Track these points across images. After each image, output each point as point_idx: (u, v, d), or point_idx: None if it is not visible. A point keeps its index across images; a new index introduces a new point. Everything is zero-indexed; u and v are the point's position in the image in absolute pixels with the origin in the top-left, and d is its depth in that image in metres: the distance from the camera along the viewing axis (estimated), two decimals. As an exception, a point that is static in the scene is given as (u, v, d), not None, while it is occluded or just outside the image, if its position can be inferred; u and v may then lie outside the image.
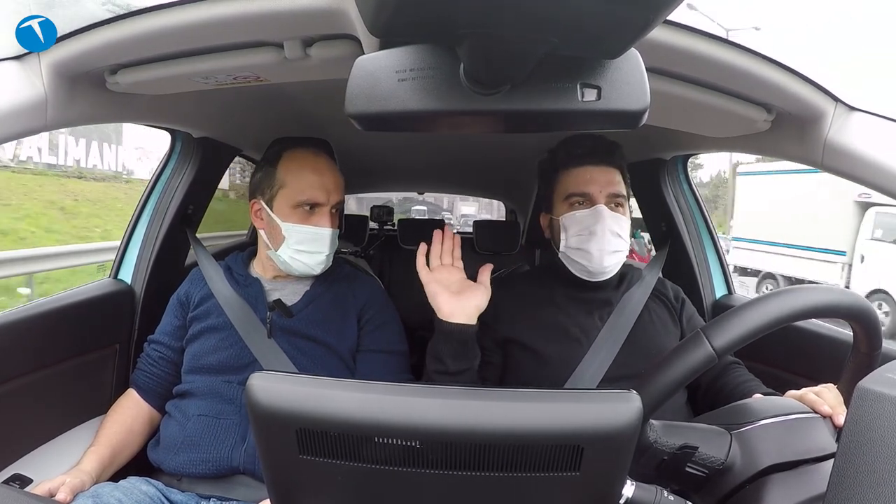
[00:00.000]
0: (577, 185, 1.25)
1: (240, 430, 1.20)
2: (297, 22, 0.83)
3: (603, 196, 1.22)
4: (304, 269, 1.31)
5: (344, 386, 0.57)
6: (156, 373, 1.34)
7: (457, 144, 2.26)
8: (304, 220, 1.29)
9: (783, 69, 0.93)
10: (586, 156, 1.26)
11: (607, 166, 1.26)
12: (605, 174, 1.25)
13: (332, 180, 1.32)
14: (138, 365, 1.37)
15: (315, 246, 1.29)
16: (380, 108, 0.52)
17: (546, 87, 0.52)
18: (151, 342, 1.38)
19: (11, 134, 0.91)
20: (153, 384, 1.34)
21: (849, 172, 1.00)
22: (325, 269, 1.33)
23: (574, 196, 1.25)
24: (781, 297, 0.71)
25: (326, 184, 1.30)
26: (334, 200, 1.32)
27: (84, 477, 1.08)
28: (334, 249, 1.34)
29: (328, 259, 1.32)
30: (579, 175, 1.26)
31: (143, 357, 1.37)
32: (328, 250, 1.30)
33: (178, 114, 1.41)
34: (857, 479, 0.53)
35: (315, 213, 1.30)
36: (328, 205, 1.31)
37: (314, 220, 1.29)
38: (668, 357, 0.70)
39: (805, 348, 1.43)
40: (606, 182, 1.24)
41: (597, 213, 1.21)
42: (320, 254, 1.30)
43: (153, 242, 1.58)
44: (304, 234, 1.29)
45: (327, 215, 1.31)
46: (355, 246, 3.03)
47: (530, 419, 0.54)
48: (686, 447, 0.70)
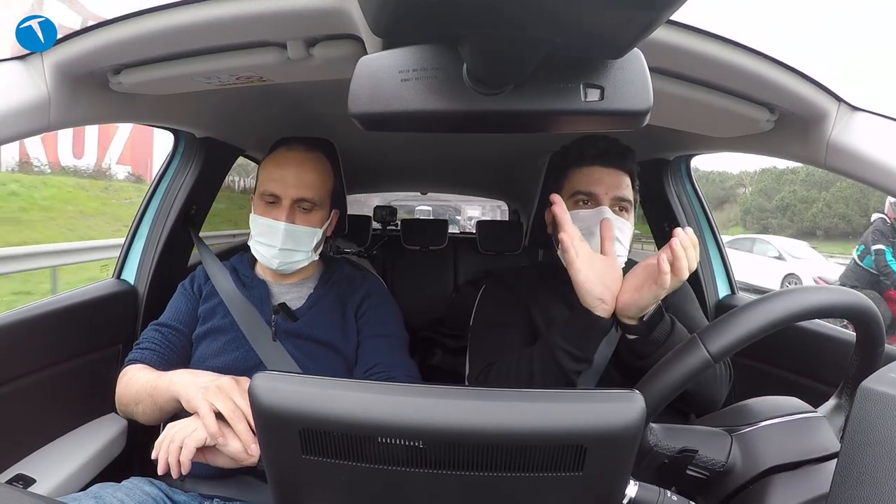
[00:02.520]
0: (584, 184, 1.25)
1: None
2: (300, 22, 0.83)
3: (608, 198, 1.22)
4: (264, 261, 1.31)
5: (347, 386, 0.57)
6: (165, 355, 1.26)
7: (459, 144, 2.26)
8: (265, 212, 1.29)
9: (786, 69, 0.93)
10: (598, 157, 1.26)
11: (617, 169, 1.25)
12: (614, 177, 1.24)
13: (293, 174, 1.29)
14: (140, 345, 1.28)
15: (268, 238, 1.28)
16: (382, 108, 0.52)
17: (549, 87, 0.51)
18: (161, 326, 1.31)
19: (14, 134, 0.91)
20: (161, 367, 1.23)
21: (852, 172, 1.00)
22: (281, 264, 1.29)
23: (580, 194, 1.25)
24: (778, 299, 0.71)
25: (286, 177, 1.29)
26: (293, 195, 1.28)
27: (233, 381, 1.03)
28: (299, 246, 1.30)
29: (283, 254, 1.28)
30: (588, 174, 1.25)
31: (147, 341, 1.29)
32: (280, 244, 1.27)
33: (182, 114, 1.41)
34: (860, 478, 0.53)
35: (274, 206, 1.30)
36: (286, 198, 1.28)
37: (273, 213, 1.29)
38: (665, 362, 0.70)
39: (805, 348, 1.43)
40: (614, 185, 1.23)
41: (599, 213, 1.20)
42: (272, 247, 1.28)
43: (156, 242, 1.59)
44: (260, 225, 1.29)
45: (284, 209, 1.28)
46: (358, 246, 3.03)
47: (533, 419, 0.54)
48: (686, 450, 0.70)
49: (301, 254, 1.32)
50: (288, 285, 1.38)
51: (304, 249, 1.32)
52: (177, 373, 1.08)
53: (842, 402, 0.82)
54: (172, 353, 1.28)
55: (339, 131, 1.73)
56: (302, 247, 1.31)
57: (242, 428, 0.94)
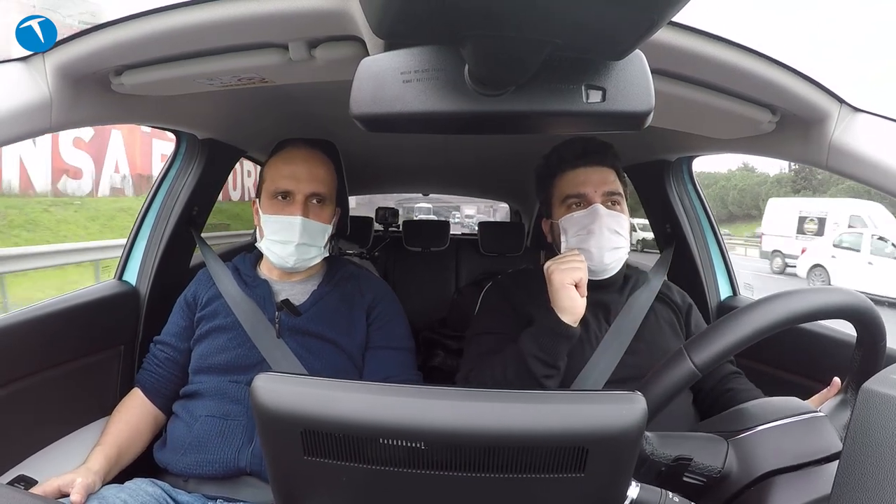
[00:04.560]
0: (572, 187, 1.27)
1: (247, 431, 1.20)
2: (301, 23, 0.83)
3: (598, 195, 1.24)
4: (279, 261, 1.32)
5: (348, 387, 0.57)
6: (162, 373, 1.35)
7: (461, 146, 2.27)
8: (278, 210, 1.31)
9: (788, 70, 0.93)
10: (579, 158, 1.28)
11: (600, 166, 1.27)
12: (599, 174, 1.26)
13: (304, 169, 1.32)
14: (144, 365, 1.38)
15: (284, 235, 1.29)
16: (384, 109, 0.52)
17: (550, 88, 0.51)
18: (157, 343, 1.38)
19: (16, 135, 0.91)
20: (159, 385, 1.34)
21: (853, 174, 1.00)
22: (297, 262, 1.31)
23: (570, 198, 1.26)
24: (763, 306, 0.71)
25: (297, 172, 1.31)
26: (306, 189, 1.30)
27: (94, 477, 1.08)
28: (314, 241, 1.33)
29: (299, 250, 1.30)
30: (574, 177, 1.27)
31: (149, 358, 1.37)
32: (297, 239, 1.29)
33: (183, 115, 1.41)
34: (862, 480, 0.53)
35: (288, 202, 1.31)
36: (299, 193, 1.30)
37: (287, 210, 1.30)
38: (653, 374, 0.71)
39: (805, 348, 1.43)
40: (601, 181, 1.25)
41: (593, 211, 1.22)
42: (290, 243, 1.29)
43: (158, 244, 1.59)
44: (275, 223, 1.30)
45: (298, 204, 1.30)
46: (360, 247, 3.03)
47: (535, 420, 0.54)
48: (681, 458, 0.70)
49: (315, 249, 1.33)
50: (292, 283, 1.38)
51: (318, 244, 1.34)
52: (93, 455, 1.17)
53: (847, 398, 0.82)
54: (169, 370, 1.35)
55: (341, 132, 1.73)
56: (317, 241, 1.33)
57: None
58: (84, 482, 1.03)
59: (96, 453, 1.17)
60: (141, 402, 1.33)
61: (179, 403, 1.30)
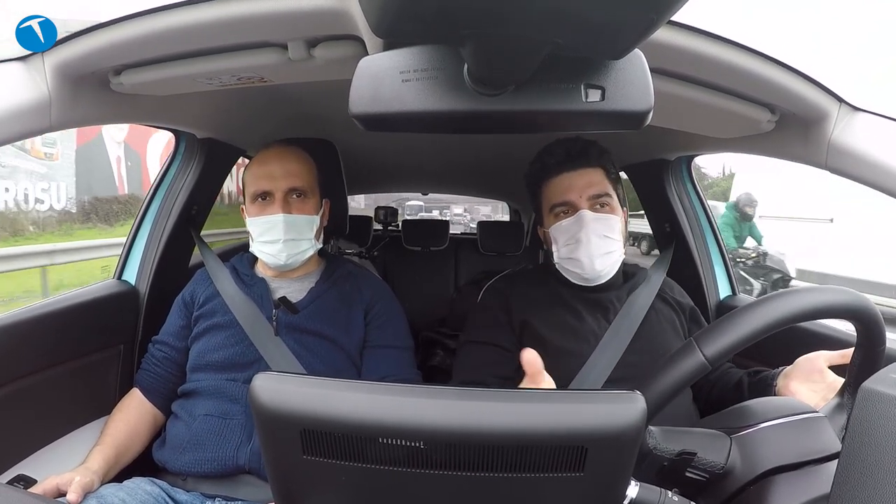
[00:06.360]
0: (557, 195, 1.25)
1: (245, 429, 1.20)
2: (300, 23, 0.83)
3: (584, 200, 1.22)
4: (271, 260, 1.32)
5: (348, 387, 0.57)
6: (160, 373, 1.35)
7: (460, 145, 2.26)
8: (261, 211, 1.31)
9: (787, 69, 0.93)
10: (561, 164, 1.26)
11: (584, 168, 1.25)
12: (584, 177, 1.24)
13: (278, 167, 1.32)
14: (142, 365, 1.38)
15: (270, 234, 1.30)
16: (383, 108, 0.52)
17: (550, 87, 0.51)
18: (156, 342, 1.39)
19: (15, 135, 0.91)
20: (157, 384, 1.35)
21: (853, 174, 0.99)
22: (289, 257, 1.31)
23: (557, 206, 1.25)
24: (775, 301, 0.71)
25: (272, 171, 1.31)
26: (283, 186, 1.31)
27: (92, 476, 1.08)
28: (302, 235, 1.33)
29: (288, 246, 1.31)
30: (557, 184, 1.26)
31: (148, 357, 1.38)
32: (283, 236, 1.29)
33: (183, 114, 1.41)
34: (861, 479, 0.53)
35: (268, 202, 1.32)
36: (277, 191, 1.31)
37: (268, 210, 1.31)
38: (661, 366, 0.71)
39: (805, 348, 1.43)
40: (585, 185, 1.23)
41: (579, 219, 1.20)
42: (277, 241, 1.29)
43: (157, 243, 1.59)
44: (260, 224, 1.31)
45: (279, 202, 1.30)
46: (360, 247, 3.03)
47: (534, 420, 0.54)
48: (685, 453, 0.70)
49: (305, 242, 1.33)
50: (289, 280, 1.38)
51: (307, 237, 1.34)
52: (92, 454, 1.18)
53: (844, 402, 0.82)
54: (167, 369, 1.37)
55: (340, 132, 1.73)
56: (304, 234, 1.33)
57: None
58: (82, 481, 1.03)
59: (95, 453, 1.17)
60: (140, 401, 1.33)
61: (178, 403, 1.30)
